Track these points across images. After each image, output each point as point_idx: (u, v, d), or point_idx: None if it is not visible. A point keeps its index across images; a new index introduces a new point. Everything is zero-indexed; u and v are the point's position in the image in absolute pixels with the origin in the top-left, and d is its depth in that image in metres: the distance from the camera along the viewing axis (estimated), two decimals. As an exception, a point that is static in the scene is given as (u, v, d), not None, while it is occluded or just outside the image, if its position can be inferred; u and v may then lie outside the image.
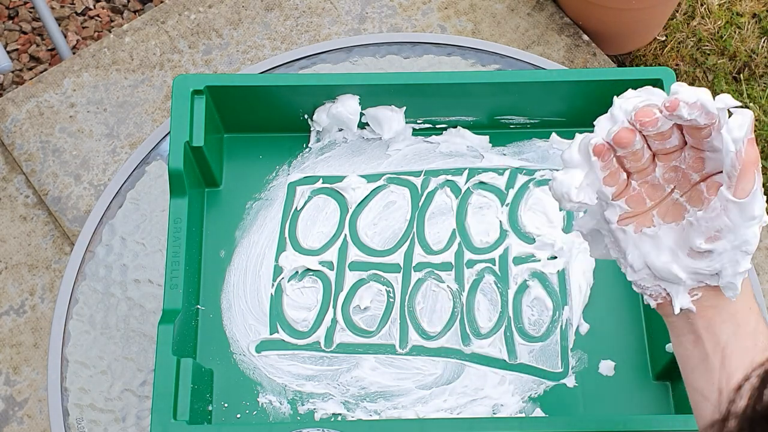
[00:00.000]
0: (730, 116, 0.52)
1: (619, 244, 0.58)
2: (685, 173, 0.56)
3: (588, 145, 0.55)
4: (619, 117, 0.54)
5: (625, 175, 0.57)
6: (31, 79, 1.50)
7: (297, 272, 0.89)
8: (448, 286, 0.88)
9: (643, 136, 0.55)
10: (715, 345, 0.57)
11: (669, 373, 0.82)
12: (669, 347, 0.79)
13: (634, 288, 0.60)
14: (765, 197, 0.54)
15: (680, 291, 0.57)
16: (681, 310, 0.57)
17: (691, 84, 1.64)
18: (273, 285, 0.88)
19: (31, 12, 1.72)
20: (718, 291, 0.56)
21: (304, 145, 0.94)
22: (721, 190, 0.52)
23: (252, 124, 0.92)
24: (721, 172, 0.53)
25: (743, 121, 0.51)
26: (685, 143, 0.55)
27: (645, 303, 0.63)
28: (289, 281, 0.88)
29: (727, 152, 0.51)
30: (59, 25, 1.67)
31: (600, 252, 0.62)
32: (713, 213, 0.53)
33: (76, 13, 1.72)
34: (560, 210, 0.91)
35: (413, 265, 0.89)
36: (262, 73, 1.02)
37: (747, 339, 0.57)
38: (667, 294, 0.58)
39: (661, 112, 0.53)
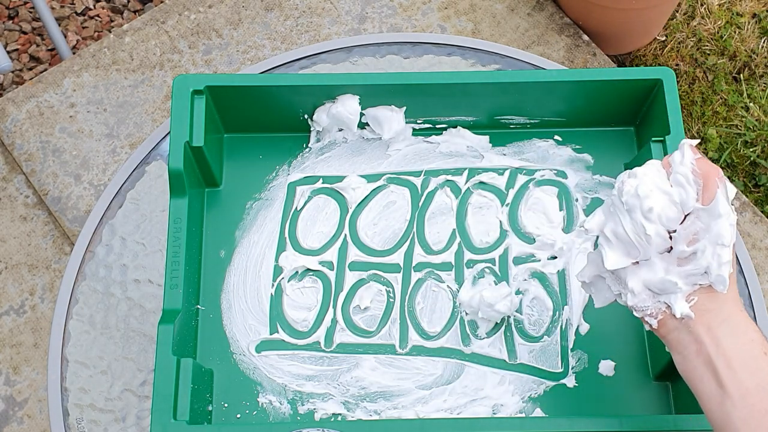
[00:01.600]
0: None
1: (620, 277, 0.67)
2: None
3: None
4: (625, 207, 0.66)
5: None
6: (31, 79, 1.50)
7: (297, 272, 0.89)
8: (448, 286, 0.88)
9: None
10: (717, 348, 0.61)
11: (669, 373, 0.82)
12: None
13: (635, 314, 0.67)
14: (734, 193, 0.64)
15: (678, 298, 0.64)
16: (681, 316, 0.63)
17: (692, 83, 1.64)
18: (273, 285, 0.88)
19: (31, 12, 1.72)
20: (711, 293, 0.63)
21: (304, 145, 0.94)
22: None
23: (252, 124, 0.93)
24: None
25: (686, 151, 0.65)
26: None
27: (646, 330, 0.70)
28: (289, 281, 0.88)
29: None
30: (59, 25, 1.67)
31: (604, 297, 0.71)
32: (689, 222, 0.64)
33: (76, 13, 1.72)
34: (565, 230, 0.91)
35: (413, 265, 0.89)
36: (262, 73, 1.02)
37: (745, 341, 0.61)
38: (667, 307, 0.65)
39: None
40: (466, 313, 0.87)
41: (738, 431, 0.59)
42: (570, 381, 0.84)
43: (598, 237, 0.67)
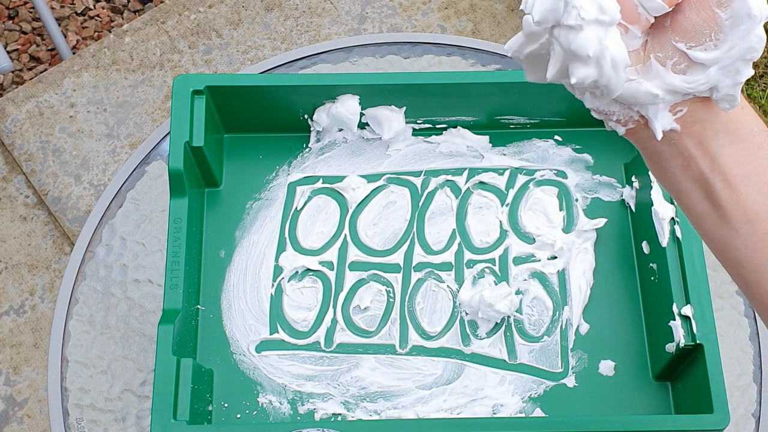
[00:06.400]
0: None
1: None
2: None
3: None
4: None
5: None
6: (31, 79, 1.50)
7: (297, 272, 0.89)
8: (448, 286, 0.88)
9: None
10: (712, 164, 0.46)
11: (669, 373, 0.82)
12: (669, 347, 0.79)
13: (594, 114, 0.49)
14: None
15: (659, 110, 0.46)
16: (664, 131, 0.46)
17: (691, 84, 1.64)
18: (273, 285, 0.88)
19: (31, 12, 1.72)
20: (708, 102, 0.45)
21: (304, 145, 0.94)
22: None
23: (252, 124, 0.93)
24: None
25: None
26: None
27: (609, 129, 0.50)
28: (289, 281, 0.88)
29: None
30: (59, 25, 1.67)
31: (537, 76, 0.52)
32: (705, 13, 0.43)
33: (76, 13, 1.72)
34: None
35: (413, 265, 0.89)
36: (262, 73, 1.02)
37: (750, 151, 0.46)
38: (641, 117, 0.47)
39: None
40: (466, 313, 0.87)
41: (744, 260, 0.47)
42: (570, 381, 0.84)
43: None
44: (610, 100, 0.47)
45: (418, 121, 0.93)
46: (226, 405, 0.83)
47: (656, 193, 0.83)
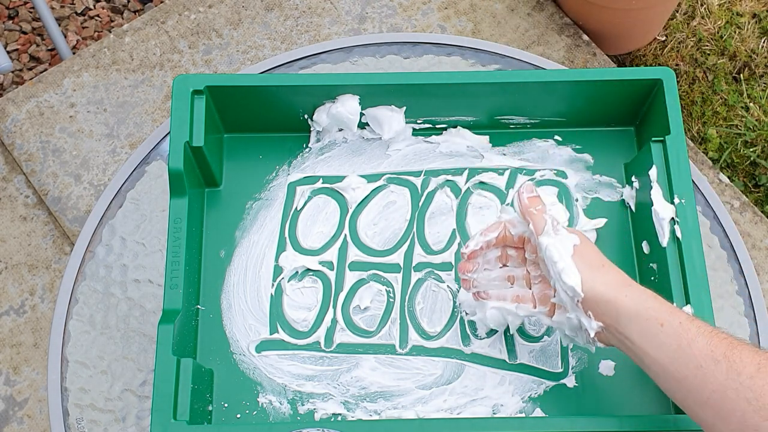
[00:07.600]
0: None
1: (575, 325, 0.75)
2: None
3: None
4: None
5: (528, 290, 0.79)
6: (31, 79, 1.50)
7: (297, 272, 0.89)
8: (448, 286, 0.88)
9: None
10: (630, 341, 0.69)
11: (669, 373, 0.82)
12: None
13: (591, 345, 0.75)
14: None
15: (584, 322, 0.72)
16: (595, 332, 0.72)
17: (692, 83, 1.64)
18: (273, 285, 0.88)
19: (31, 12, 1.72)
20: (592, 302, 0.70)
21: (304, 145, 0.94)
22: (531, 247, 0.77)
23: (252, 124, 0.93)
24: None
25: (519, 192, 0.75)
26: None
27: (598, 346, 0.74)
28: (289, 281, 0.88)
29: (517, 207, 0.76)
30: (59, 25, 1.67)
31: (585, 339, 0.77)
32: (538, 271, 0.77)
33: (76, 13, 1.72)
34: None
35: (413, 265, 0.89)
36: (262, 73, 1.02)
37: (642, 324, 0.68)
38: (587, 332, 0.73)
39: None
40: (466, 313, 0.87)
41: (677, 401, 0.68)
42: (570, 381, 0.84)
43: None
44: (573, 330, 0.75)
45: (418, 121, 0.93)
46: (226, 405, 0.83)
47: (656, 193, 0.83)
